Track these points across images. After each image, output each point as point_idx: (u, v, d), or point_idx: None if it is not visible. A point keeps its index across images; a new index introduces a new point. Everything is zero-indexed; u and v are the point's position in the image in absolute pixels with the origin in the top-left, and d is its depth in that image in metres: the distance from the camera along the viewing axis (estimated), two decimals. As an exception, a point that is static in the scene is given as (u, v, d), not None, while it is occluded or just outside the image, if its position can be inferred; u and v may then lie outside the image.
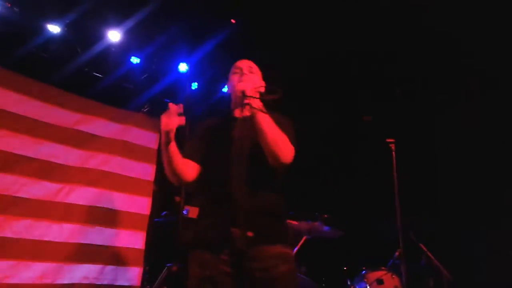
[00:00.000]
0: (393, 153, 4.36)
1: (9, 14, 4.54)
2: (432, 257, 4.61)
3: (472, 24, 4.76)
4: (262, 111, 2.09)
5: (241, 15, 5.01)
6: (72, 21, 4.68)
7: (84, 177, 4.60)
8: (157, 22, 4.90)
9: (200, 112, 5.71)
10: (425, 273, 4.85)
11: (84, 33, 4.88)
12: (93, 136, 4.73)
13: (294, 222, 4.86)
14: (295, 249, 4.64)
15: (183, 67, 5.48)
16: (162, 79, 5.50)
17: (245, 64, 2.40)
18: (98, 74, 5.11)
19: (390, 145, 4.39)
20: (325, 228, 4.86)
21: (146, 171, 5.05)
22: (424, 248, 4.68)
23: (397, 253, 4.29)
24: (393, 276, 4.39)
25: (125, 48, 5.16)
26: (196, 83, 5.69)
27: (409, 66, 5.56)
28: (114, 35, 4.98)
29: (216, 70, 5.60)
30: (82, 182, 4.57)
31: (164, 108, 5.57)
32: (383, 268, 4.48)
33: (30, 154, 4.28)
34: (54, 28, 4.72)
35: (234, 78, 2.37)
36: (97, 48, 5.02)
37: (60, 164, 4.47)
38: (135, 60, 5.27)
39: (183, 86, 5.62)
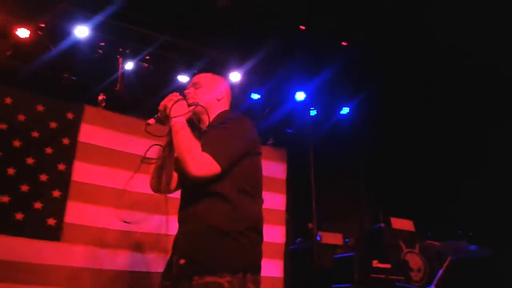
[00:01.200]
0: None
1: (145, 71, 5.13)
2: None
3: None
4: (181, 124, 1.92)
5: (355, 39, 5.03)
6: (199, 70, 5.11)
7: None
8: (274, 59, 5.14)
9: (320, 136, 5.78)
10: None
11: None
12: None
13: (436, 243, 4.64)
14: (440, 272, 4.41)
15: (300, 95, 5.63)
16: (281, 110, 5.71)
17: (193, 79, 2.24)
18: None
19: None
20: (471, 247, 4.55)
21: (278, 201, 5.25)
22: None
23: None
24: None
25: (246, 86, 5.47)
26: (314, 110, 5.79)
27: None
28: (235, 76, 5.33)
29: (332, 95, 5.65)
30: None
31: (287, 138, 5.73)
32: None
33: (173, 194, 4.69)
34: (183, 78, 5.21)
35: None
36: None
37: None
38: (255, 96, 5.56)
39: (302, 114, 5.75)
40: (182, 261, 1.84)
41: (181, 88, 5.21)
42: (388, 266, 4.62)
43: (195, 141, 1.88)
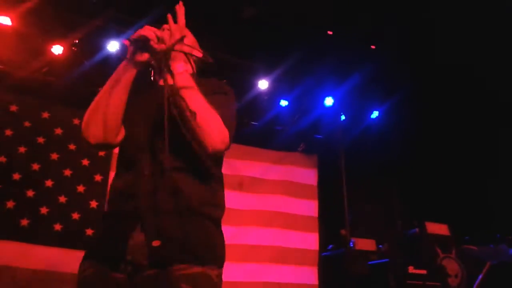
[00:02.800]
0: None
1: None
2: None
3: None
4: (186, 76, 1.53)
5: (385, 42, 4.99)
6: (228, 79, 5.16)
7: (256, 219, 4.95)
8: (302, 65, 5.14)
9: (351, 141, 5.75)
10: None
11: (237, 86, 5.33)
12: (259, 180, 5.09)
13: (473, 247, 4.53)
14: (479, 278, 4.31)
15: (329, 101, 5.61)
16: (310, 116, 5.70)
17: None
18: (254, 123, 5.49)
19: None
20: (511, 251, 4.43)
21: (310, 208, 5.23)
22: None
23: None
24: None
25: (274, 93, 5.48)
26: (343, 115, 5.76)
27: None
28: (263, 84, 5.35)
29: (362, 99, 5.61)
30: (255, 224, 4.92)
31: (317, 144, 5.63)
32: None
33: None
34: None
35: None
36: (249, 97, 5.44)
37: (235, 209, 4.88)
38: (284, 103, 5.56)
39: (331, 119, 5.73)
40: (156, 243, 1.42)
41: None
42: (424, 272, 4.54)
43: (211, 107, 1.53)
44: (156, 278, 1.41)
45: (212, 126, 1.51)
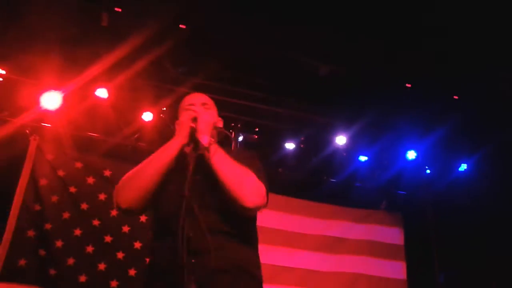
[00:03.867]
0: None
1: (254, 142, 5.33)
2: None
3: None
4: (215, 147, 1.68)
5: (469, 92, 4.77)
6: (306, 136, 5.18)
7: (338, 281, 4.72)
8: (381, 120, 5.03)
9: (437, 196, 5.42)
10: None
11: (316, 144, 5.32)
12: (341, 239, 4.92)
13: None
14: None
15: (411, 154, 5.38)
16: (392, 171, 5.48)
17: (198, 99, 1.94)
18: (333, 180, 5.39)
19: None
20: None
21: (398, 269, 4.92)
22: None
23: None
24: None
25: (353, 149, 5.38)
26: (428, 169, 5.47)
27: None
28: (340, 140, 5.27)
29: (447, 152, 5.32)
30: (338, 286, 4.69)
31: (399, 201, 5.36)
32: None
33: (290, 264, 4.65)
34: (290, 146, 5.28)
35: (185, 114, 1.84)
36: (327, 153, 5.38)
37: (316, 271, 4.71)
38: (363, 158, 5.43)
39: (414, 174, 5.47)
40: None
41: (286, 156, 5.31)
42: None
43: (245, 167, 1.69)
44: None
45: (249, 183, 1.63)
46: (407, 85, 5.09)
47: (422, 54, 4.62)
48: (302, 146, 5.25)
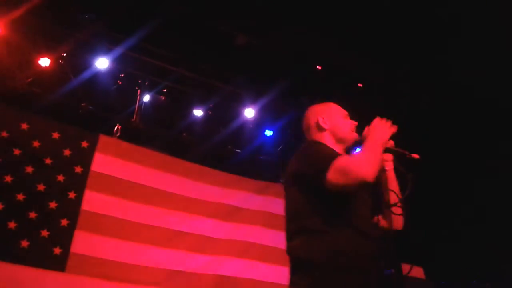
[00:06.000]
0: None
1: (161, 104, 5.19)
2: None
3: None
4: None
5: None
6: (214, 104, 5.15)
7: (231, 248, 4.81)
8: (288, 97, 5.16)
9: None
10: None
11: (223, 113, 5.32)
12: (237, 208, 4.99)
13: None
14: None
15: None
16: (295, 149, 5.66)
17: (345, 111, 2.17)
18: (237, 150, 5.45)
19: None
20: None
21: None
22: None
23: None
24: None
25: (259, 123, 5.47)
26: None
27: None
28: (249, 112, 5.33)
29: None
30: (230, 253, 4.78)
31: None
32: None
33: (185, 229, 4.63)
34: (198, 112, 5.22)
35: (347, 122, 2.07)
36: (235, 125, 5.42)
37: (210, 237, 4.75)
38: (268, 133, 5.54)
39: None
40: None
41: (196, 122, 5.23)
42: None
43: None
44: None
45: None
46: (317, 67, 5.28)
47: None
48: (210, 113, 5.22)
